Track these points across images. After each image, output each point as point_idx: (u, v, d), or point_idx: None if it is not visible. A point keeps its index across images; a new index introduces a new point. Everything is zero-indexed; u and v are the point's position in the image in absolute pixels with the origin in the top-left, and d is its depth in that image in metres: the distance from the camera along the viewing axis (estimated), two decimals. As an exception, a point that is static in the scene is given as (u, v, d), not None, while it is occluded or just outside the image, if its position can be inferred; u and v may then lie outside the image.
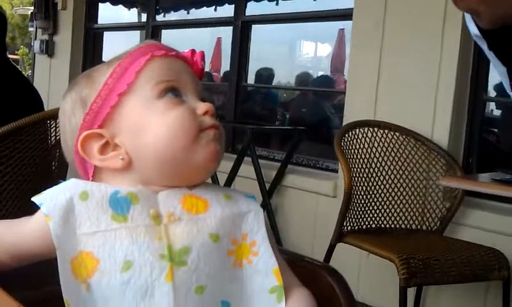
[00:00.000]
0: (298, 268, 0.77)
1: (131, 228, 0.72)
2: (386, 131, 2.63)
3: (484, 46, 1.06)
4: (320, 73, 4.98)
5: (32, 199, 0.74)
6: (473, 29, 1.04)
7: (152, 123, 0.75)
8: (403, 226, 2.57)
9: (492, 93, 3.01)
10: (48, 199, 0.73)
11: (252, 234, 0.75)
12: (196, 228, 0.73)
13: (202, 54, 0.82)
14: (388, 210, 2.57)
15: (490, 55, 1.08)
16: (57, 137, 2.23)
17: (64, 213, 0.72)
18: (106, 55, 5.84)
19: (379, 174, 2.58)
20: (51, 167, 2.34)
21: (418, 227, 2.58)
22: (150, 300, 0.70)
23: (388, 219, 2.57)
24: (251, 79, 4.25)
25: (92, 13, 5.52)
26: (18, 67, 5.70)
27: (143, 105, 0.76)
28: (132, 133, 0.76)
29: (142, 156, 0.76)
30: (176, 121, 0.75)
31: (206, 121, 0.76)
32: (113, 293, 0.70)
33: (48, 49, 5.57)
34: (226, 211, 0.75)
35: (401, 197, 2.58)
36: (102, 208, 0.73)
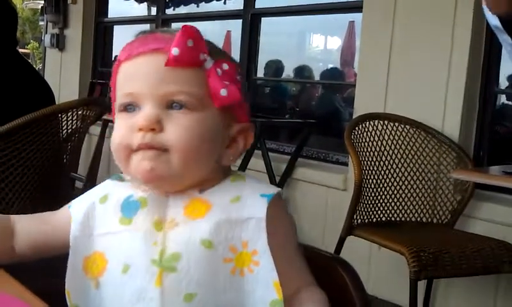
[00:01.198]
0: (309, 260, 0.76)
1: (132, 232, 0.73)
2: (396, 124, 2.62)
3: (504, 36, 1.03)
4: (330, 65, 4.95)
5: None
6: (494, 21, 1.02)
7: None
8: (413, 219, 2.57)
9: (504, 84, 2.99)
10: (77, 202, 0.79)
11: (253, 242, 0.72)
12: (189, 234, 0.71)
13: (179, 38, 0.72)
14: (398, 203, 2.56)
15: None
16: (69, 131, 2.24)
17: (84, 217, 0.76)
18: (116, 49, 5.85)
19: (389, 167, 2.57)
20: (62, 160, 2.36)
21: (429, 220, 2.57)
22: (142, 304, 0.71)
23: (398, 211, 2.56)
24: (260, 72, 4.25)
25: (102, 7, 5.53)
26: (29, 61, 5.74)
27: (116, 115, 0.77)
28: None
29: None
30: (115, 141, 0.74)
31: (136, 139, 0.71)
32: (116, 293, 0.72)
33: (59, 43, 5.59)
34: (224, 217, 0.72)
35: (411, 190, 2.57)
36: (114, 211, 0.76)
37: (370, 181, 2.51)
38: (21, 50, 2.41)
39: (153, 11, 5.30)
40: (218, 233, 0.71)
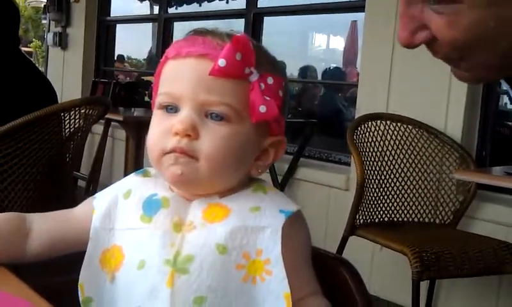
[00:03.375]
0: (311, 260, 0.77)
1: (151, 230, 0.74)
2: (398, 124, 2.62)
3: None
4: (333, 65, 4.95)
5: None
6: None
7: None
8: (416, 220, 2.56)
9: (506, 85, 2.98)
10: (101, 195, 0.80)
11: (267, 251, 0.72)
12: (205, 237, 0.72)
13: (228, 50, 0.71)
14: (400, 203, 2.56)
15: None
16: (71, 130, 2.24)
17: (106, 210, 0.77)
18: (119, 47, 5.86)
19: (391, 167, 2.57)
20: (65, 159, 2.36)
21: (431, 220, 2.57)
22: (153, 302, 0.71)
23: (400, 212, 2.56)
24: (263, 71, 4.24)
25: (104, 6, 5.53)
26: (32, 59, 5.73)
27: (154, 109, 0.78)
28: None
29: None
30: (150, 139, 0.75)
31: (171, 143, 0.73)
32: (130, 288, 0.73)
33: (62, 42, 5.60)
34: (241, 223, 0.72)
35: (414, 191, 2.57)
36: (136, 207, 0.76)
37: (373, 181, 2.51)
38: (23, 49, 2.41)
39: (156, 9, 5.30)
40: (233, 239, 0.71)
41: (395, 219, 2.55)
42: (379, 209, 2.52)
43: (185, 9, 4.99)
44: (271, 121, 0.75)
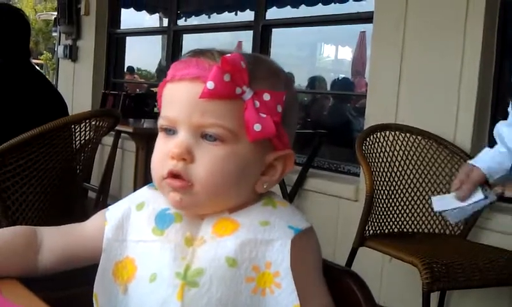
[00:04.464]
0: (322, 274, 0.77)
1: (163, 243, 0.74)
2: (408, 134, 2.61)
3: None
4: (342, 76, 4.96)
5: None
6: None
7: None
8: (426, 230, 2.55)
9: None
10: (114, 207, 0.80)
11: (276, 264, 0.72)
12: (215, 251, 0.72)
13: (215, 72, 0.70)
14: (410, 214, 2.55)
15: None
16: (82, 142, 2.26)
17: (119, 221, 0.78)
18: (128, 60, 5.90)
19: (401, 178, 2.56)
20: (76, 171, 2.38)
21: (441, 231, 2.55)
22: None
23: (410, 222, 2.55)
24: (272, 83, 4.24)
25: (114, 18, 5.58)
26: (42, 72, 5.76)
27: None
28: None
29: None
30: (152, 162, 0.77)
31: (167, 167, 0.73)
32: (142, 300, 0.73)
33: (72, 54, 5.64)
34: (251, 236, 0.73)
35: (423, 201, 2.56)
36: (148, 220, 0.77)
37: (382, 192, 2.50)
38: (34, 61, 2.43)
39: (165, 22, 5.34)
40: (243, 252, 0.72)
41: (405, 230, 2.54)
42: (389, 220, 2.51)
43: (194, 21, 5.03)
44: (272, 138, 0.74)
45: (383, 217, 2.48)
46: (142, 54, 6.32)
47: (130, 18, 5.84)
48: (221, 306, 0.70)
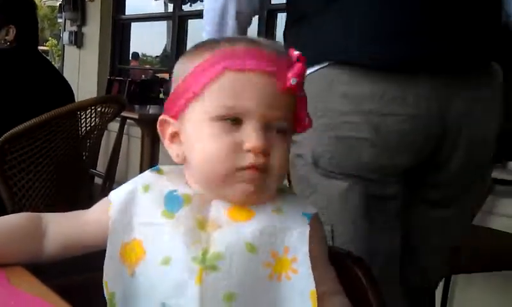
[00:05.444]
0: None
1: (175, 226, 0.73)
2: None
3: None
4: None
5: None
6: None
7: (198, 143, 0.75)
8: (431, 215, 2.55)
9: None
10: (118, 190, 0.78)
11: (294, 249, 0.73)
12: (234, 235, 0.72)
13: (300, 69, 0.73)
14: (415, 199, 2.55)
15: None
16: (88, 128, 2.27)
17: (123, 202, 0.76)
18: (134, 45, 5.90)
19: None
20: (82, 157, 2.39)
21: (446, 215, 2.55)
22: (179, 300, 0.70)
23: (415, 207, 2.55)
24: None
25: (119, 4, 5.56)
26: (48, 58, 5.78)
27: (201, 120, 0.74)
28: (190, 141, 0.76)
29: (191, 165, 0.77)
30: (215, 153, 0.73)
31: (247, 159, 0.72)
32: (151, 283, 0.72)
33: (77, 40, 5.64)
34: (269, 223, 0.74)
35: (429, 186, 2.56)
36: (157, 202, 0.75)
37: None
38: (40, 48, 2.44)
39: (170, 7, 5.32)
40: (262, 238, 0.73)
41: (410, 215, 2.54)
42: (394, 205, 2.50)
43: (199, 6, 5.01)
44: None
45: (388, 201, 2.48)
46: (147, 40, 6.32)
47: (135, 3, 5.83)
48: (239, 289, 0.71)
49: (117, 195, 0.77)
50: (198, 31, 5.13)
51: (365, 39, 0.69)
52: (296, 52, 0.74)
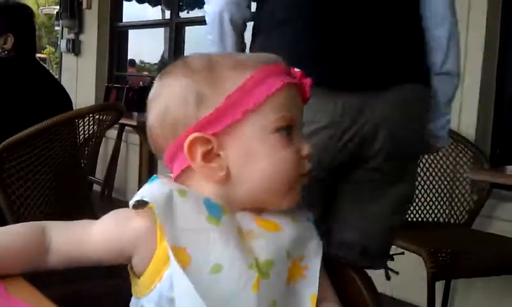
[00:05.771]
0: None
1: (223, 233, 0.71)
2: (412, 124, 2.61)
3: None
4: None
5: (130, 203, 0.73)
6: None
7: (261, 156, 0.73)
8: (430, 220, 2.56)
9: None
10: (147, 192, 0.72)
11: (308, 259, 0.76)
12: (275, 244, 0.73)
13: (310, 82, 0.78)
14: (415, 204, 2.55)
15: None
16: (86, 136, 2.27)
17: (165, 203, 0.71)
18: (131, 52, 5.90)
19: (405, 167, 2.56)
20: (80, 165, 2.38)
21: (446, 220, 2.56)
22: None
23: (415, 212, 2.55)
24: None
25: (117, 11, 5.57)
26: (45, 66, 5.75)
27: (259, 133, 0.73)
28: (243, 155, 0.74)
29: (242, 180, 0.74)
30: (281, 164, 0.73)
31: (305, 166, 0.76)
32: (199, 292, 0.68)
33: (75, 48, 5.65)
34: (296, 232, 0.76)
35: (428, 191, 2.56)
36: (198, 207, 0.72)
37: (386, 182, 2.50)
38: (37, 55, 2.45)
39: (167, 14, 5.33)
40: (294, 246, 0.74)
41: (410, 220, 2.54)
42: (393, 210, 2.51)
43: (197, 13, 5.01)
44: None
45: (387, 206, 2.48)
46: (145, 46, 6.32)
47: (132, 10, 5.83)
48: (278, 298, 0.72)
49: (155, 196, 0.71)
50: (195, 38, 5.13)
51: (293, 62, 0.81)
52: (297, 70, 0.78)
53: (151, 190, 0.73)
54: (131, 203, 0.73)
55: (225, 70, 0.75)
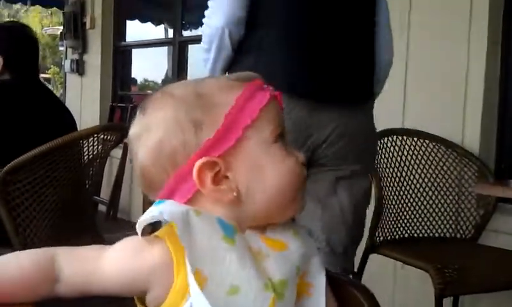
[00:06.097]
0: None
1: (239, 253, 0.70)
2: (415, 138, 2.61)
3: None
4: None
5: (137, 225, 0.70)
6: None
7: (267, 169, 0.74)
8: (436, 235, 2.54)
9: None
10: (165, 209, 0.70)
11: (313, 276, 0.76)
12: (286, 263, 0.73)
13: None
14: (420, 219, 2.54)
15: None
16: (90, 156, 2.27)
17: (184, 221, 0.69)
18: (135, 72, 5.93)
19: (409, 182, 2.56)
20: (85, 185, 2.39)
21: (452, 235, 2.54)
22: None
23: (421, 227, 2.54)
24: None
25: (120, 31, 5.61)
26: (50, 86, 5.75)
27: (262, 146, 0.74)
28: (251, 172, 0.74)
29: (252, 197, 0.74)
30: (288, 173, 0.75)
31: (305, 173, 0.77)
32: None
33: (79, 68, 5.69)
34: (302, 247, 0.76)
35: (433, 206, 2.55)
36: (213, 226, 0.71)
37: (392, 197, 2.50)
38: (42, 75, 2.46)
39: (170, 33, 5.37)
40: (302, 262, 0.74)
41: (416, 235, 2.53)
42: (399, 225, 2.50)
43: (199, 31, 5.05)
44: None
45: (393, 222, 2.48)
46: (149, 65, 6.35)
47: (135, 30, 5.87)
48: None
49: (174, 215, 0.69)
50: (199, 56, 5.16)
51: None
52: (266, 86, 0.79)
53: (168, 208, 0.70)
54: (145, 220, 0.70)
55: (213, 93, 0.75)
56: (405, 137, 2.60)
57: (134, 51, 5.83)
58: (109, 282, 0.71)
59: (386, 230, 2.44)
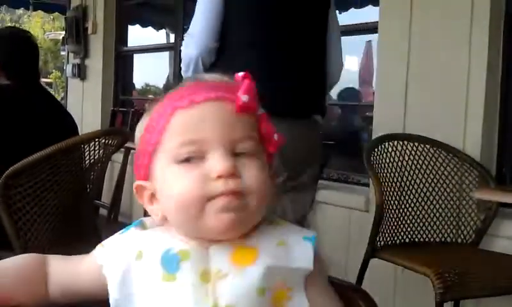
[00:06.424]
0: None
1: (179, 287, 0.69)
2: (416, 143, 2.61)
3: None
4: (349, 85, 4.96)
5: (96, 251, 0.76)
6: None
7: (168, 188, 0.72)
8: (437, 240, 2.54)
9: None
10: (110, 262, 0.74)
11: (291, 282, 0.72)
12: (242, 283, 0.69)
13: (248, 85, 0.73)
14: (421, 224, 2.54)
15: None
16: (91, 161, 2.28)
17: (121, 277, 0.73)
18: (137, 77, 5.94)
19: (411, 187, 2.55)
20: (86, 190, 2.39)
21: (453, 240, 2.54)
22: None
23: (421, 232, 2.54)
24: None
25: (122, 36, 5.62)
26: (52, 90, 5.75)
27: (166, 166, 0.73)
28: (161, 193, 0.74)
29: (170, 217, 0.74)
30: (181, 192, 0.70)
31: (217, 187, 0.69)
32: None
33: (81, 73, 5.69)
34: (274, 262, 0.71)
35: (434, 210, 2.55)
36: (153, 268, 0.71)
37: (392, 202, 2.49)
38: (44, 80, 2.47)
39: (172, 38, 5.38)
40: (270, 279, 0.70)
41: (417, 240, 2.53)
42: (400, 230, 2.50)
43: (200, 36, 5.05)
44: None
45: (394, 227, 2.47)
46: (150, 71, 6.36)
47: (137, 35, 5.88)
48: None
49: (112, 270, 0.73)
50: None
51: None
52: (241, 73, 0.74)
53: (113, 258, 0.74)
54: (97, 251, 0.76)
55: (151, 110, 0.77)
56: (406, 142, 2.60)
57: (136, 56, 5.84)
58: (87, 281, 0.76)
59: (387, 235, 2.44)
